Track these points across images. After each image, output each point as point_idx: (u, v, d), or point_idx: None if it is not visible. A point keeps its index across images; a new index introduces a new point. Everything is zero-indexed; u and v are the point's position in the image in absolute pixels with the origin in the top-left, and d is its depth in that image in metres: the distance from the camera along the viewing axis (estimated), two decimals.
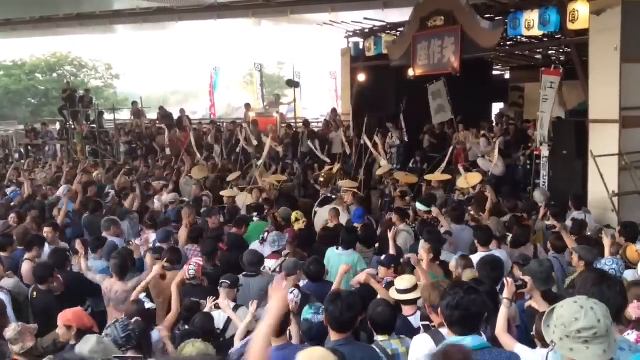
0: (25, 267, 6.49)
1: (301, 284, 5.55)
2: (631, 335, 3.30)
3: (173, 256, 6.44)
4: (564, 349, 2.42)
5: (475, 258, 5.72)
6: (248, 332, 4.49)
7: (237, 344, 4.43)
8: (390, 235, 6.52)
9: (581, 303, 2.43)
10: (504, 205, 8.69)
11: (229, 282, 5.25)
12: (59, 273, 6.06)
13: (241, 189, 10.72)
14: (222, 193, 10.42)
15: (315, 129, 16.58)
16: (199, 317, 4.80)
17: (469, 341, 2.93)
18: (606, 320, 2.38)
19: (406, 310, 4.57)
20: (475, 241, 6.35)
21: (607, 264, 5.01)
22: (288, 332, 4.16)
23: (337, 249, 6.49)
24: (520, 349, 3.45)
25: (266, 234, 7.23)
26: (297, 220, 8.21)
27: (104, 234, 7.51)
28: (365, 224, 7.87)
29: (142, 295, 5.15)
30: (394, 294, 4.63)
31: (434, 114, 12.92)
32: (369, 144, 11.83)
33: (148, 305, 4.86)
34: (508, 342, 3.59)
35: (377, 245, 7.48)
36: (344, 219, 8.45)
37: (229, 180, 11.55)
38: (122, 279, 5.85)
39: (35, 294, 5.83)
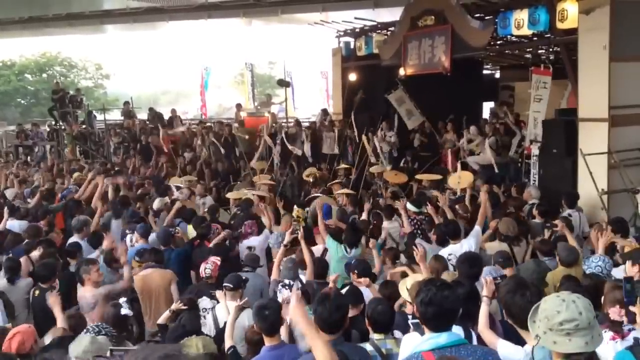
0: (23, 262, 6.42)
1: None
2: (607, 334, 3.40)
3: (156, 257, 6.52)
4: (547, 342, 2.46)
5: (445, 252, 5.98)
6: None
7: (227, 341, 4.45)
8: (371, 244, 6.51)
9: (563, 297, 2.48)
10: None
11: (232, 285, 5.26)
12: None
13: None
14: (228, 195, 10.43)
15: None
16: (186, 315, 4.80)
17: (444, 338, 2.93)
18: (588, 313, 2.41)
19: (409, 308, 4.57)
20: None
21: (594, 261, 5.07)
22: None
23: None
24: (502, 344, 3.50)
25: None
26: (298, 217, 8.23)
27: (75, 236, 7.51)
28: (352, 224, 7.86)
29: (122, 300, 5.15)
30: (404, 292, 4.61)
31: (406, 119, 12.97)
32: (366, 143, 11.92)
33: (124, 311, 4.81)
34: (490, 338, 3.64)
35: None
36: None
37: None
38: (83, 285, 5.78)
39: (37, 292, 5.80)
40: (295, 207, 8.69)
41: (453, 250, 6.09)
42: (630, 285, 3.44)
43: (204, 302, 5.37)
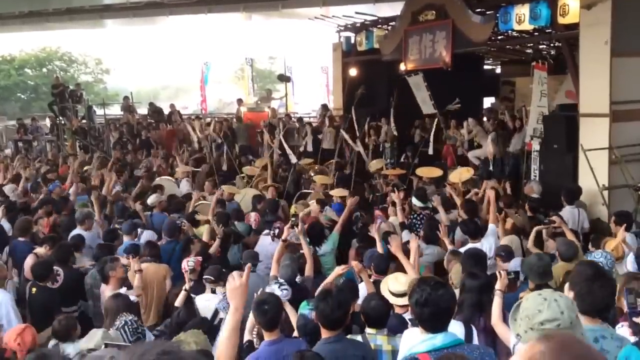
0: (29, 261, 6.43)
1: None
2: (623, 328, 3.32)
3: (152, 251, 6.51)
4: (529, 342, 2.42)
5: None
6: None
7: (246, 335, 4.46)
8: (374, 228, 6.51)
9: (545, 295, 2.43)
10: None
11: (212, 278, 5.28)
12: (61, 267, 6.07)
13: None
14: (223, 187, 10.38)
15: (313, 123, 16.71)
16: (183, 309, 4.79)
17: (440, 339, 2.90)
18: (570, 313, 2.36)
19: (399, 309, 4.56)
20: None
21: (596, 257, 5.06)
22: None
23: None
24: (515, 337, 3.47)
25: (276, 230, 7.28)
26: (296, 214, 8.22)
27: (78, 228, 7.48)
28: (363, 223, 7.74)
29: (124, 290, 5.14)
30: (387, 295, 4.56)
31: (421, 104, 12.96)
32: (347, 137, 11.93)
33: (132, 297, 4.85)
34: (504, 332, 3.62)
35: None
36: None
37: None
38: (107, 283, 5.67)
39: (34, 290, 5.75)
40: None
41: None
42: (633, 297, 3.36)
43: None
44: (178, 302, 5.03)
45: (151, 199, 8.86)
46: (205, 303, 5.19)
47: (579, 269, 3.58)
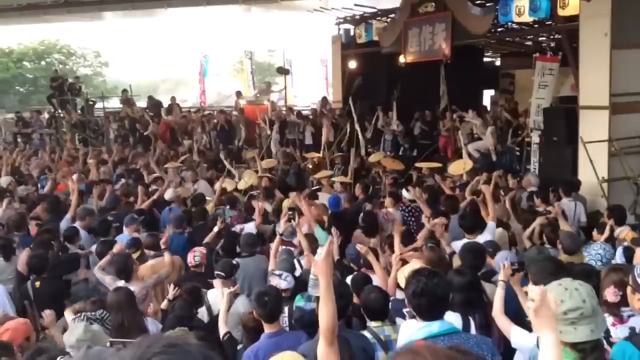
0: (23, 257, 6.35)
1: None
2: (607, 319, 3.32)
3: (151, 241, 6.51)
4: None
5: (459, 245, 5.76)
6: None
7: (221, 328, 4.44)
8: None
9: (566, 285, 2.44)
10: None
11: (224, 274, 5.23)
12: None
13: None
14: (224, 185, 10.36)
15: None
16: (178, 302, 4.78)
17: (436, 326, 2.92)
18: (592, 300, 2.38)
19: None
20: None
21: (595, 249, 5.05)
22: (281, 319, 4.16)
23: None
24: (516, 331, 3.48)
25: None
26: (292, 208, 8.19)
27: (77, 223, 7.45)
28: (367, 212, 7.63)
29: (122, 282, 5.14)
30: (402, 281, 4.47)
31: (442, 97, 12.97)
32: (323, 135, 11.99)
33: (133, 288, 4.85)
34: (505, 324, 3.61)
35: None
36: None
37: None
38: (130, 280, 5.45)
39: (38, 283, 5.68)
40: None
41: None
42: None
43: None
44: (163, 306, 5.00)
45: (169, 194, 8.84)
46: (216, 299, 5.09)
47: (541, 266, 3.62)
